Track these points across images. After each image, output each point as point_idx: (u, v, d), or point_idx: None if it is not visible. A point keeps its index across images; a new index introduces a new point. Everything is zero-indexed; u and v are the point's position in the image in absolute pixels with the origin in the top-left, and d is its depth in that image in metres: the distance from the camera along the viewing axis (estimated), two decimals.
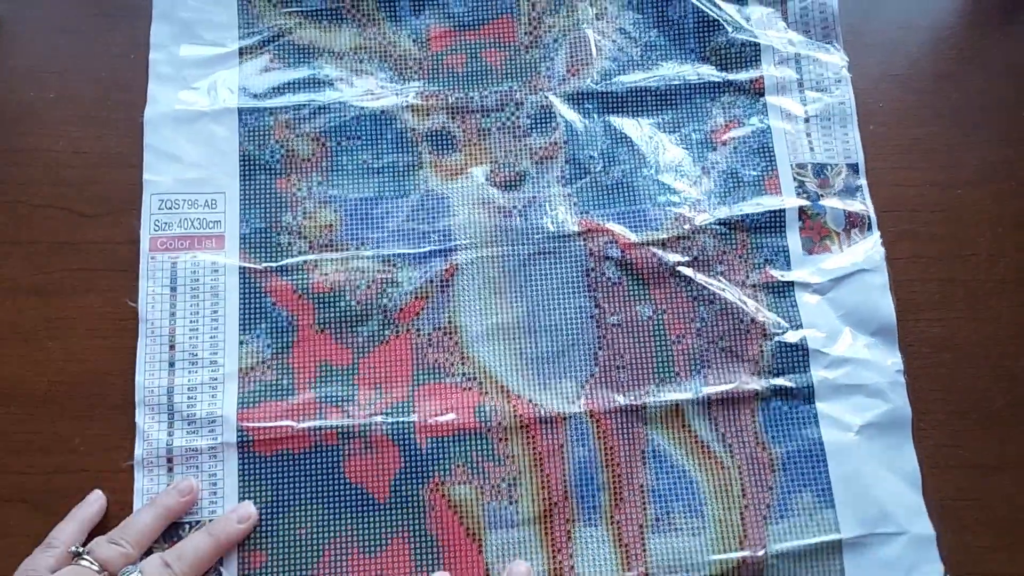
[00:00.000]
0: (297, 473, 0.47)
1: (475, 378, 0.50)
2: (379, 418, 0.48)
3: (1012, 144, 0.55)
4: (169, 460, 0.47)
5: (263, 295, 0.50)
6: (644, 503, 0.48)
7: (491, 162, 0.53)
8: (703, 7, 0.55)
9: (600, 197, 0.53)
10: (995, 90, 0.56)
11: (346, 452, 0.48)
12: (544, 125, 0.54)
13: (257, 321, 0.50)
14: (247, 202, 0.52)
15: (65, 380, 0.49)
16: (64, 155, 0.53)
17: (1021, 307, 0.52)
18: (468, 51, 0.55)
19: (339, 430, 0.48)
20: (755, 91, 0.55)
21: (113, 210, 0.52)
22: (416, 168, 0.53)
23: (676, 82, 0.55)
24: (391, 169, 0.53)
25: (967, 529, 0.49)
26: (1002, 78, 0.56)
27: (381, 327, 0.50)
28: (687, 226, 0.52)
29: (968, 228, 0.54)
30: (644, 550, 0.47)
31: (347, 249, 0.51)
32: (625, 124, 0.54)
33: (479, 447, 0.48)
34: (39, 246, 0.51)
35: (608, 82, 0.55)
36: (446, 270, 0.51)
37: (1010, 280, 0.53)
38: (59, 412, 0.49)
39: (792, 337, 0.50)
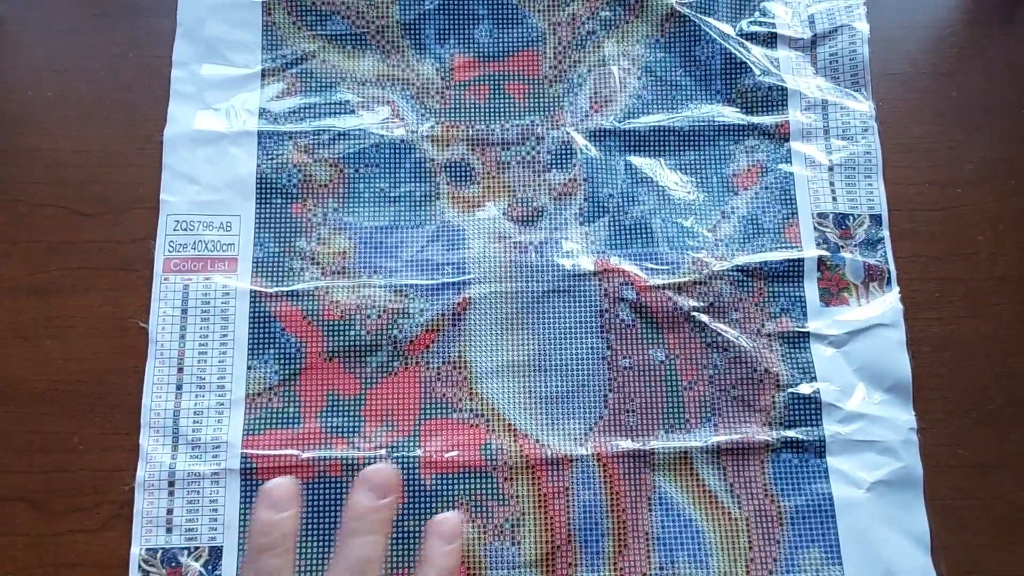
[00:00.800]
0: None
1: (482, 415, 0.49)
2: (384, 451, 0.48)
3: (1013, 143, 0.55)
4: (171, 484, 0.47)
5: (273, 320, 0.50)
6: (648, 551, 0.47)
7: (509, 196, 0.53)
8: (731, 48, 0.55)
9: (617, 237, 0.52)
10: (995, 89, 0.56)
11: (349, 484, 0.47)
12: (564, 161, 0.53)
13: (266, 346, 0.49)
14: (262, 226, 0.52)
15: (65, 379, 0.49)
16: (64, 154, 0.53)
17: (1021, 305, 0.52)
18: (491, 82, 0.55)
19: (343, 462, 0.47)
20: (780, 136, 0.54)
21: (113, 209, 0.52)
22: (433, 199, 0.53)
23: (700, 123, 0.54)
24: (408, 198, 0.53)
25: (967, 528, 0.48)
26: (1002, 77, 0.56)
27: (390, 358, 0.50)
28: (704, 271, 0.51)
29: (968, 227, 0.53)
30: None
31: (359, 277, 0.51)
32: (646, 164, 0.54)
33: (483, 486, 0.48)
34: (39, 245, 0.51)
35: (631, 120, 0.54)
36: (458, 303, 0.51)
37: (1010, 278, 0.52)
38: (59, 411, 0.49)
39: (805, 389, 0.50)
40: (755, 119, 0.54)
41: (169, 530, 0.46)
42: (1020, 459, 0.50)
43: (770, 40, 0.56)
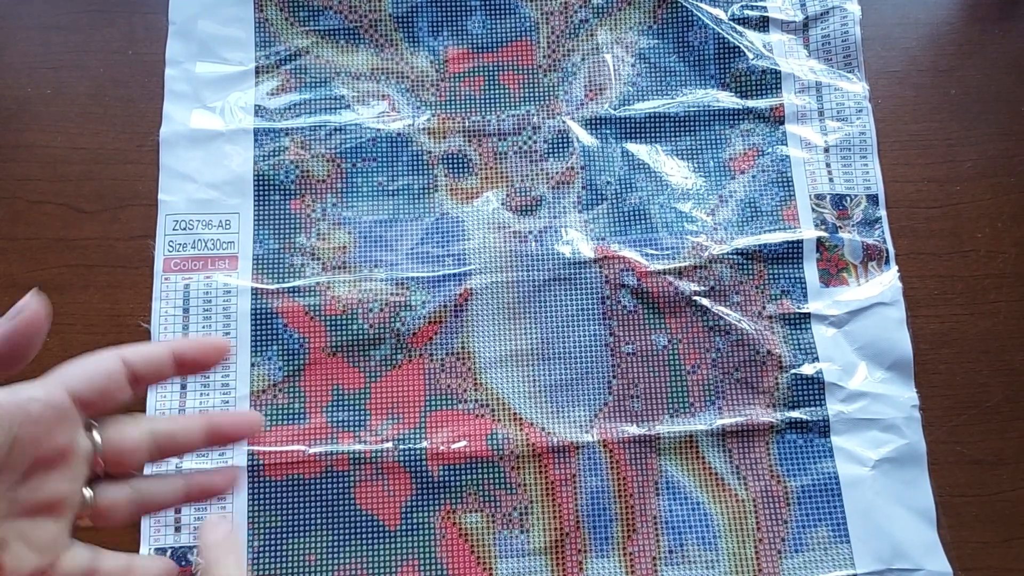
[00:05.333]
0: (307, 498, 0.47)
1: (487, 405, 0.49)
2: (390, 444, 0.48)
3: (1011, 139, 0.55)
4: None
5: (275, 316, 0.50)
6: (657, 535, 0.47)
7: (507, 186, 0.53)
8: (724, 33, 0.55)
9: (616, 224, 0.52)
10: (994, 85, 0.56)
11: (357, 478, 0.47)
12: (561, 150, 0.54)
13: (269, 343, 0.49)
14: (261, 223, 0.51)
15: None
16: (61, 151, 0.53)
17: (1020, 302, 0.52)
18: (485, 73, 0.55)
19: (350, 456, 0.48)
20: (775, 119, 0.54)
21: (110, 206, 0.52)
22: (431, 191, 0.53)
23: (695, 108, 0.54)
24: (406, 191, 0.53)
25: (966, 524, 0.49)
26: (1001, 74, 0.56)
27: (394, 351, 0.50)
28: (704, 255, 0.51)
29: (967, 224, 0.54)
30: None
31: (360, 271, 0.51)
32: (642, 150, 0.54)
33: (491, 475, 0.48)
34: (37, 242, 0.51)
35: (626, 107, 0.54)
36: (460, 294, 0.51)
37: (1009, 275, 0.53)
38: None
39: (808, 370, 0.50)
40: (750, 103, 0.55)
41: (178, 529, 0.46)
42: (1019, 455, 0.50)
43: (762, 24, 0.56)
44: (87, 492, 0.34)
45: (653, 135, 0.54)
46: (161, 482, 0.38)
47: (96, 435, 0.35)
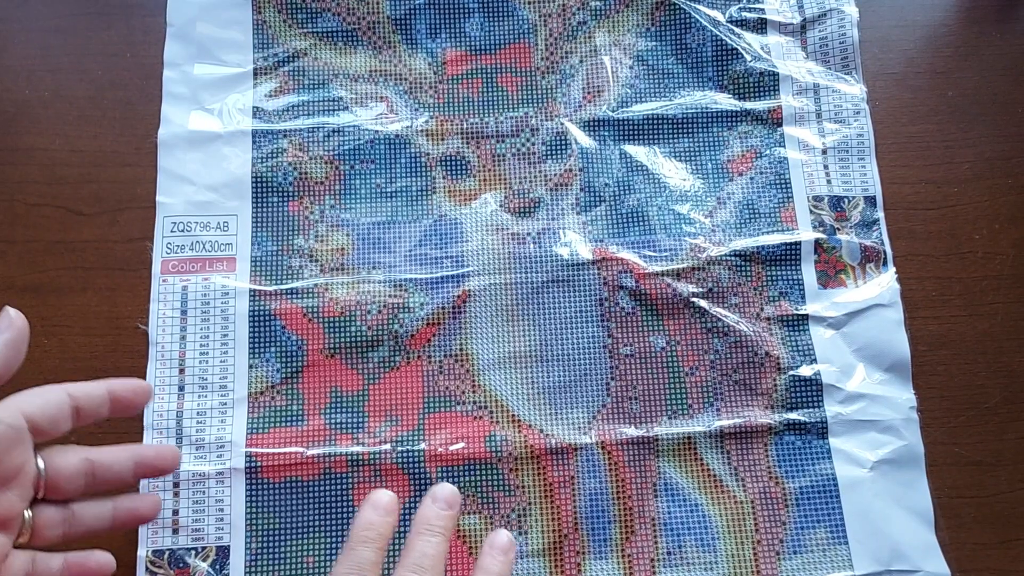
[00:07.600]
0: (305, 500, 0.47)
1: (486, 407, 0.49)
2: (388, 446, 0.48)
3: (1008, 141, 0.55)
4: (176, 484, 0.47)
5: (273, 318, 0.50)
6: (656, 536, 0.47)
7: (505, 188, 0.53)
8: (721, 35, 0.55)
9: (615, 226, 0.52)
10: (991, 87, 0.56)
11: (355, 480, 0.47)
12: (559, 152, 0.54)
13: (267, 345, 0.49)
14: (259, 224, 0.51)
15: (61, 378, 0.47)
16: (60, 154, 0.53)
17: (1018, 303, 0.52)
18: (484, 76, 0.55)
19: (348, 458, 0.47)
20: (773, 121, 0.54)
21: (109, 209, 0.52)
22: (429, 193, 0.53)
23: (693, 110, 0.55)
24: (404, 193, 0.53)
25: (964, 526, 0.49)
26: (998, 75, 0.56)
27: (392, 353, 0.50)
28: (702, 256, 0.51)
29: (965, 225, 0.54)
30: None
31: (359, 273, 0.51)
32: (640, 152, 0.54)
33: (489, 477, 0.48)
34: (35, 244, 0.51)
35: (624, 109, 0.54)
36: (458, 296, 0.51)
37: (1006, 276, 0.53)
38: None
39: (806, 371, 0.50)
40: (748, 105, 0.55)
41: (175, 531, 0.46)
42: (1017, 456, 0.50)
43: (760, 26, 0.56)
44: (27, 513, 0.36)
45: (651, 137, 0.54)
46: (91, 506, 0.40)
47: (40, 460, 0.36)
